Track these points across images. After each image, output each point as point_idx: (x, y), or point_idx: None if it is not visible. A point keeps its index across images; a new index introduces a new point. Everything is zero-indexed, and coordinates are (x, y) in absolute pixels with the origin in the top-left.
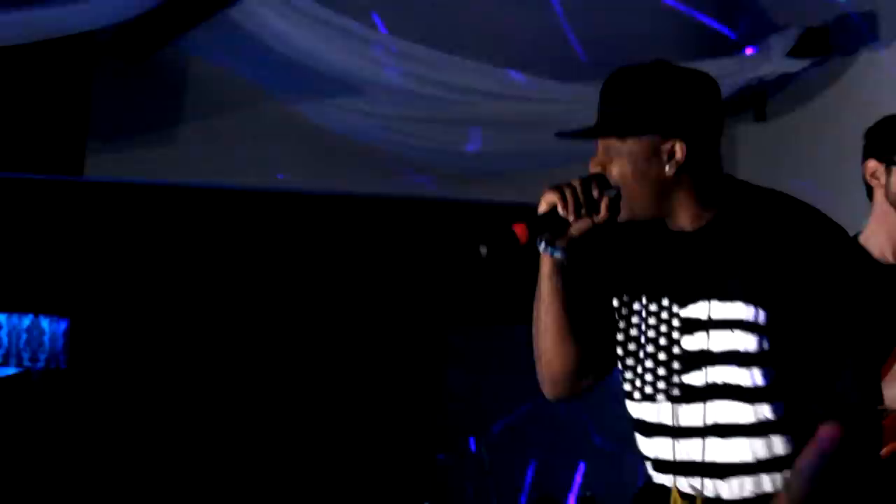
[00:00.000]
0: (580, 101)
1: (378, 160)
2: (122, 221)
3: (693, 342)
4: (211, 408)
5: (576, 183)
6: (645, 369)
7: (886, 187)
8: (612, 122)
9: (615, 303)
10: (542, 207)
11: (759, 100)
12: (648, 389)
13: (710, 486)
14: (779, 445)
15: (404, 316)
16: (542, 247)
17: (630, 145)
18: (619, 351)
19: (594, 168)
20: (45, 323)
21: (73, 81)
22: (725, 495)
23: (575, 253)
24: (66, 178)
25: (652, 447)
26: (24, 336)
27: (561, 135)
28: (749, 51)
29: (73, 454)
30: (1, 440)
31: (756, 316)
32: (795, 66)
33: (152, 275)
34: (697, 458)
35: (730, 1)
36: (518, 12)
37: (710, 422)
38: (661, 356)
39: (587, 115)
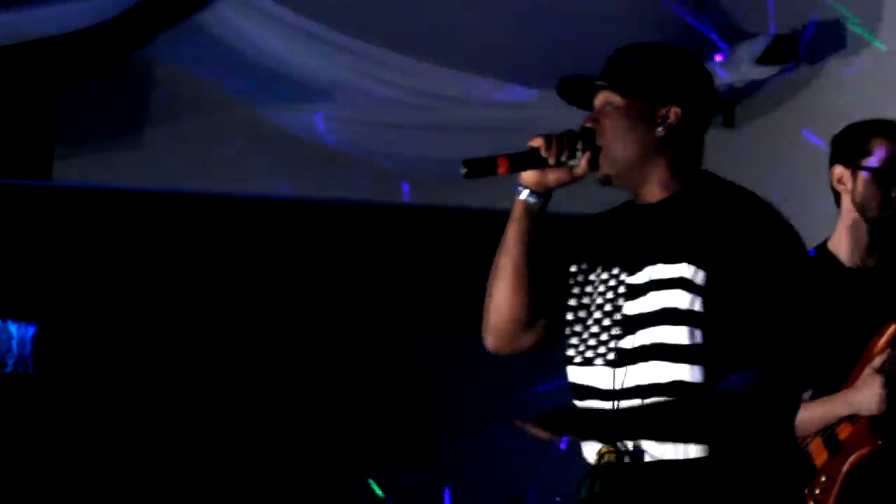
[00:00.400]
0: (548, 107)
1: (347, 165)
2: (91, 226)
3: (633, 306)
4: (180, 411)
5: (564, 132)
6: (590, 334)
7: (853, 193)
8: (613, 77)
9: (573, 269)
10: (530, 145)
11: (728, 106)
12: (589, 353)
13: (632, 448)
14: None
15: (379, 318)
16: (518, 189)
17: (630, 102)
18: (570, 316)
19: (587, 123)
20: (12, 327)
21: (41, 86)
22: (647, 458)
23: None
24: (34, 182)
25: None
26: None
27: (564, 81)
28: (718, 58)
29: (41, 459)
30: None
31: (695, 275)
32: (764, 73)
33: (120, 279)
34: (616, 419)
35: (698, 8)
36: (484, 18)
37: (635, 383)
38: (605, 321)
39: (557, 119)
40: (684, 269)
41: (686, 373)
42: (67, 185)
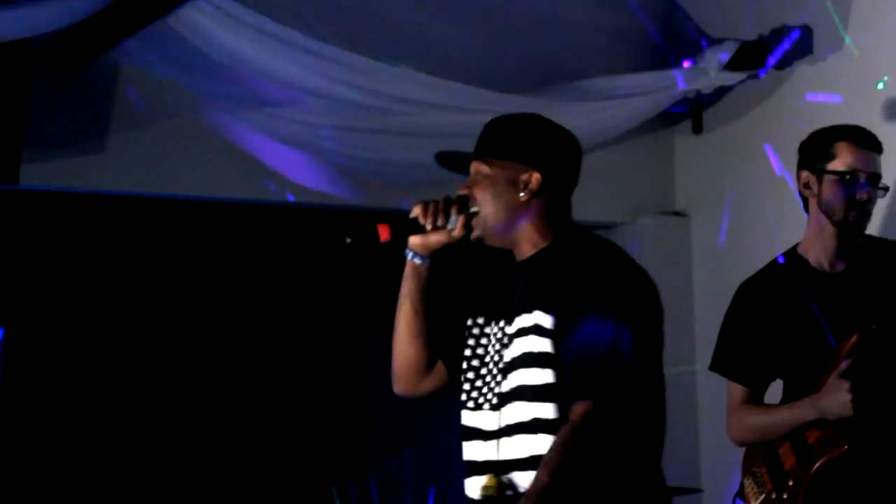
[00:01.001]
0: (514, 112)
1: (317, 170)
2: (57, 230)
3: (508, 354)
4: (150, 414)
5: (440, 198)
6: (482, 382)
7: (819, 197)
8: (482, 149)
9: (469, 322)
10: (411, 215)
11: (696, 112)
12: (480, 399)
13: (509, 482)
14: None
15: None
16: (406, 252)
17: (495, 170)
18: (464, 365)
19: (462, 190)
20: None
21: (8, 90)
22: (521, 490)
23: (435, 263)
24: (0, 186)
25: (468, 451)
26: None
27: (442, 155)
28: (686, 64)
29: (9, 463)
30: None
31: (545, 321)
32: (732, 78)
33: (88, 283)
34: (493, 457)
35: (666, 14)
36: (456, 24)
37: (506, 423)
38: (494, 369)
39: None
40: (538, 317)
41: (542, 410)
42: (34, 189)
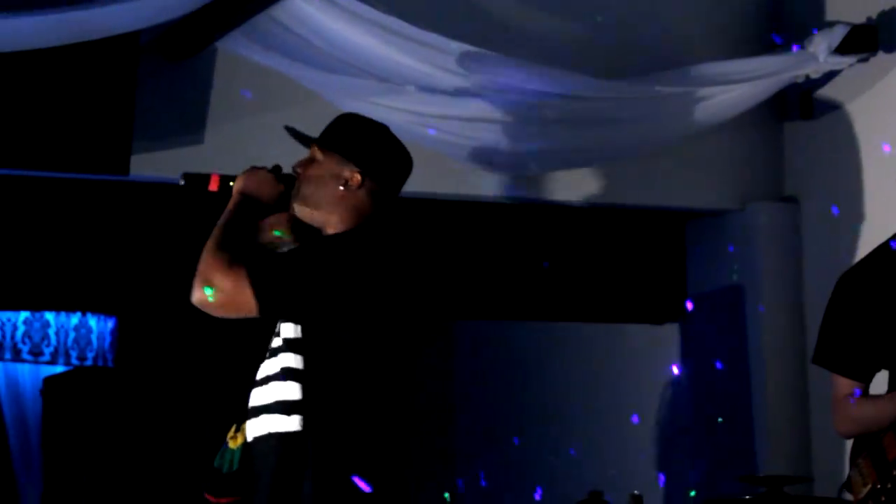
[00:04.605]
0: (625, 99)
1: (425, 161)
2: (167, 220)
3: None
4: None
5: (265, 168)
6: None
7: None
8: (325, 139)
9: None
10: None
11: (806, 97)
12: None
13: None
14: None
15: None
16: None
17: (326, 160)
18: None
19: (296, 167)
20: (92, 321)
21: (119, 82)
22: None
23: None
24: (112, 177)
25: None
26: (73, 335)
27: (289, 129)
28: (795, 48)
29: (121, 451)
30: (51, 438)
31: None
32: (842, 63)
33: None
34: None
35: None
36: (558, 12)
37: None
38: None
39: (618, 109)
40: None
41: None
42: (144, 180)
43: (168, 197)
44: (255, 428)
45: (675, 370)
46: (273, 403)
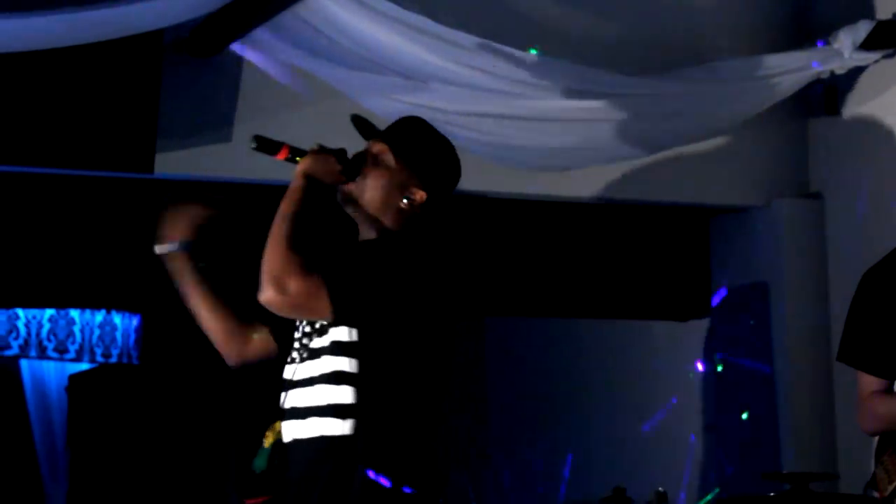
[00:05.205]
0: (652, 95)
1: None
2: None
3: None
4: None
5: (332, 150)
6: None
7: None
8: (397, 141)
9: None
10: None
11: (830, 93)
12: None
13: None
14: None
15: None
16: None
17: (398, 168)
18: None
19: (373, 148)
20: (117, 318)
21: (143, 81)
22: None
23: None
24: (137, 175)
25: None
26: (98, 332)
27: (356, 118)
28: (820, 44)
29: (146, 448)
30: (76, 435)
31: None
32: (867, 59)
33: (221, 270)
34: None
35: None
36: (585, 8)
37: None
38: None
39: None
40: None
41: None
42: (169, 178)
43: (192, 195)
44: (300, 430)
45: (700, 366)
46: (325, 406)
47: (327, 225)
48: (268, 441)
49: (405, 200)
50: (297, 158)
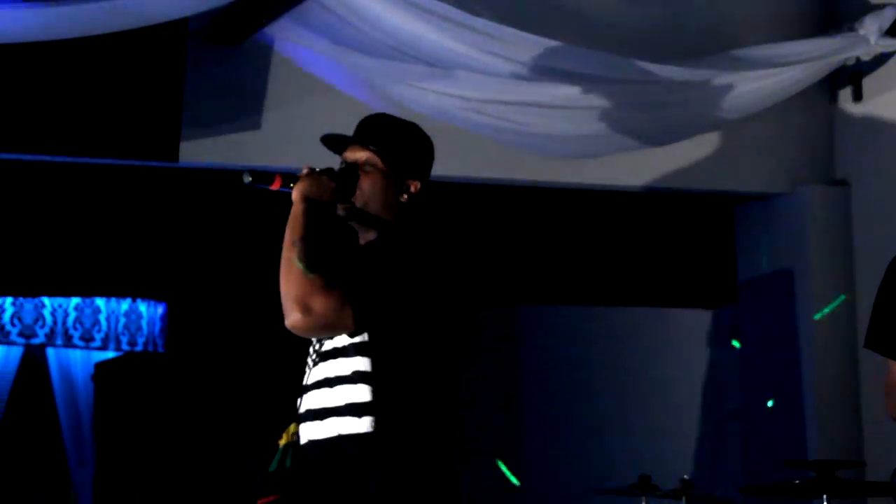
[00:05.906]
0: (678, 82)
1: (472, 146)
2: (217, 207)
3: None
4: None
5: (322, 171)
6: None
7: None
8: (383, 146)
9: None
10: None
11: (856, 80)
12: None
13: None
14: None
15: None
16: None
17: (389, 170)
18: None
19: (356, 156)
20: (142, 307)
21: (168, 69)
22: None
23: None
24: (161, 164)
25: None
26: (123, 320)
27: (326, 137)
28: (846, 31)
29: (171, 435)
30: (102, 422)
31: None
32: (892, 45)
33: (246, 258)
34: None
35: None
36: None
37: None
38: None
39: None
40: None
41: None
42: (194, 167)
43: (217, 183)
44: (318, 430)
45: (726, 353)
46: (343, 406)
47: (331, 239)
48: (282, 442)
49: (404, 195)
50: (291, 185)
